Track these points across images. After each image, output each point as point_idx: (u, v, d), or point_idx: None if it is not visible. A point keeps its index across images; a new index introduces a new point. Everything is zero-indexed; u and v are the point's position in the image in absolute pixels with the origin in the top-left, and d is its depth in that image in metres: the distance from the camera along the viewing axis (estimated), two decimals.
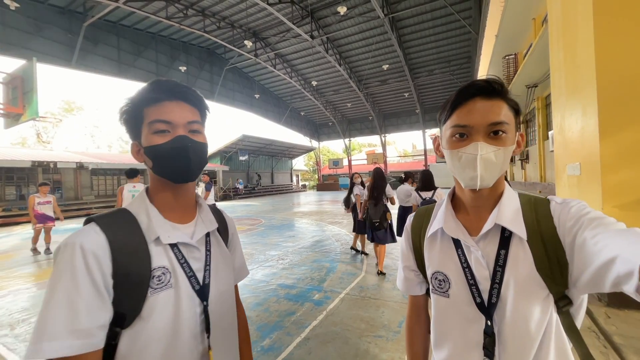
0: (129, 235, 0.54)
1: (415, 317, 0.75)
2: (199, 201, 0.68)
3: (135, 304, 0.51)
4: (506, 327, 0.53)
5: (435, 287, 0.63)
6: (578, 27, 2.78)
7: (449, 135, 0.58)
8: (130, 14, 13.32)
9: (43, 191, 5.73)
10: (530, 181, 10.20)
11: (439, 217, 0.64)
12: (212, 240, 0.65)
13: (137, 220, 0.56)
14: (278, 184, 29.71)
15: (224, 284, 0.64)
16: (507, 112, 0.54)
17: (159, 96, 0.58)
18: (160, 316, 0.53)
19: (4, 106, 6.84)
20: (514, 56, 8.23)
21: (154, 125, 0.57)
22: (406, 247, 0.72)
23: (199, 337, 0.57)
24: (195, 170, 0.60)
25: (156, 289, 0.53)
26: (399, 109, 26.57)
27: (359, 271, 4.02)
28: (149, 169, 0.61)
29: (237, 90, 21.69)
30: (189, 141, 0.58)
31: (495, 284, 0.55)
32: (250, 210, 13.45)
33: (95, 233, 0.52)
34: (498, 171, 0.55)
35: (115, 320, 0.50)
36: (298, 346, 2.27)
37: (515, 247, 0.55)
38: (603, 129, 2.48)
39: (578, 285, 0.49)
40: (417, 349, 0.74)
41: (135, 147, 0.61)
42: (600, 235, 0.44)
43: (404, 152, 51.12)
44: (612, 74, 2.46)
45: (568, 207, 0.53)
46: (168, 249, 0.57)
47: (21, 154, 13.55)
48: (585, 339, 0.54)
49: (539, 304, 0.52)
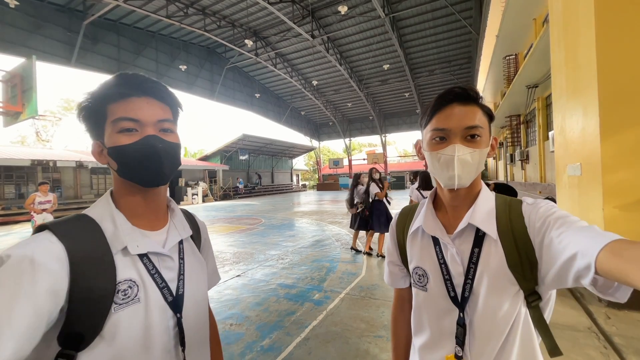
0: (90, 244, 0.48)
1: (399, 307, 0.80)
2: (171, 205, 0.63)
3: (96, 322, 0.45)
4: (477, 318, 0.58)
5: (415, 281, 0.68)
6: (579, 27, 2.77)
7: (429, 138, 0.62)
8: (130, 13, 13.30)
9: (43, 190, 5.72)
10: (530, 182, 10.20)
11: (420, 215, 0.68)
12: (185, 247, 0.60)
13: (101, 227, 0.50)
14: (278, 183, 29.70)
15: (198, 293, 0.60)
16: (481, 117, 0.59)
17: (126, 91, 0.52)
18: (126, 334, 0.47)
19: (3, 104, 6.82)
20: (515, 56, 8.23)
21: (119, 123, 0.51)
22: (391, 244, 0.78)
23: (173, 351, 0.53)
24: (167, 173, 0.55)
25: (121, 305, 0.47)
26: (399, 108, 26.57)
27: (359, 271, 4.02)
28: (113, 171, 0.55)
29: (237, 90, 21.68)
30: (159, 141, 0.53)
31: (468, 279, 0.59)
32: (250, 209, 13.45)
33: (51, 242, 0.45)
34: (474, 171, 0.59)
35: (69, 342, 0.44)
36: (298, 346, 2.26)
37: (487, 245, 0.58)
38: (604, 130, 2.48)
39: (546, 282, 0.53)
40: (400, 336, 0.80)
41: (97, 148, 0.55)
42: (564, 233, 0.47)
43: (404, 152, 51.15)
44: (614, 75, 2.46)
45: (537, 208, 0.56)
46: (137, 259, 0.52)
47: (21, 152, 13.53)
48: (586, 340, 0.56)
49: (509, 298, 0.55)
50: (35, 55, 6.95)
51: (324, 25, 15.27)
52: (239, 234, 7.28)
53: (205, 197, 19.14)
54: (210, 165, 21.15)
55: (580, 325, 2.29)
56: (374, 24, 14.88)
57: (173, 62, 16.85)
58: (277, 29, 16.05)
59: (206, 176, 21.07)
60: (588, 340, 2.09)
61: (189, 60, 17.65)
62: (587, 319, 2.37)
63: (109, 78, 0.54)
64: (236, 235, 7.02)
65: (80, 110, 0.54)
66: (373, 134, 29.33)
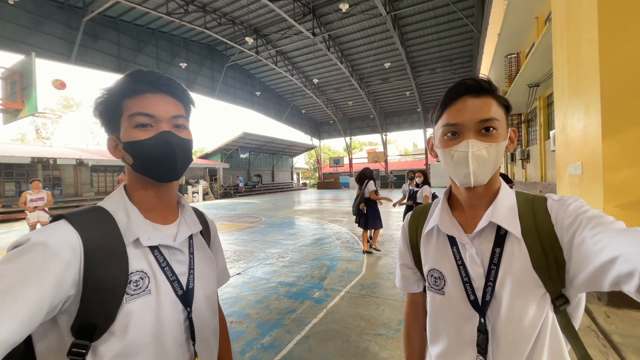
0: (105, 235, 0.49)
1: (413, 313, 0.76)
2: (182, 201, 0.64)
3: (109, 312, 0.46)
4: (500, 325, 0.53)
5: (431, 284, 0.63)
6: (582, 25, 2.76)
7: (440, 134, 0.59)
8: (130, 10, 13.24)
9: (35, 187, 5.65)
10: (531, 181, 10.19)
11: (435, 214, 0.65)
12: (195, 242, 0.61)
13: (115, 219, 0.51)
14: (279, 182, 29.69)
15: (208, 288, 0.61)
16: (496, 109, 0.55)
17: (142, 87, 0.53)
18: (138, 325, 0.48)
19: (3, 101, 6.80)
20: (517, 55, 8.20)
21: (135, 118, 0.53)
22: (403, 245, 0.73)
23: (184, 345, 0.54)
24: (181, 169, 0.57)
25: (133, 295, 0.48)
26: (400, 107, 26.51)
27: (360, 269, 4.02)
28: (127, 166, 0.56)
29: (238, 88, 21.62)
30: (174, 137, 0.54)
31: (490, 281, 0.55)
32: (251, 207, 13.45)
33: (66, 231, 0.46)
34: (491, 167, 0.55)
35: (83, 332, 0.44)
36: (298, 344, 2.27)
37: (510, 245, 0.55)
38: (606, 129, 2.47)
39: (575, 284, 0.49)
40: (414, 345, 0.75)
41: (112, 142, 0.56)
42: (600, 234, 0.44)
43: (404, 150, 51.09)
44: (616, 73, 2.44)
45: (565, 205, 0.52)
46: (148, 251, 0.52)
47: (21, 150, 13.52)
48: (585, 338, 0.54)
49: (535, 302, 0.51)
50: (34, 52, 6.92)
51: (325, 23, 15.20)
52: (239, 232, 7.29)
53: (206, 195, 19.15)
54: (210, 164, 21.15)
55: (580, 323, 2.28)
56: (376, 22, 14.81)
57: (173, 59, 16.79)
58: (278, 27, 15.98)
59: (207, 174, 21.07)
60: (587, 338, 2.09)
61: (189, 58, 17.58)
62: (587, 317, 2.38)
63: (125, 74, 0.55)
64: (237, 234, 7.03)
65: (97, 105, 0.55)
66: (374, 133, 29.28)
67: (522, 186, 10.60)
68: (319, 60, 19.04)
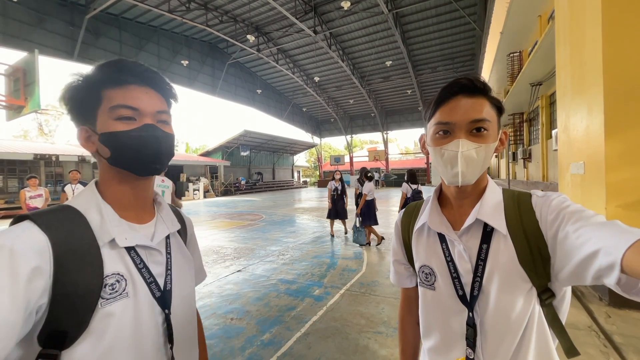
0: (76, 236, 0.45)
1: (406, 308, 0.78)
2: (158, 199, 0.61)
3: (81, 318, 0.43)
4: (488, 319, 0.55)
5: (422, 280, 0.65)
6: (586, 23, 2.74)
7: (432, 132, 0.59)
8: (132, 7, 13.22)
9: (32, 184, 5.61)
10: (533, 180, 10.15)
11: (425, 212, 0.66)
12: (172, 242, 0.59)
13: (86, 218, 0.48)
14: (279, 179, 29.72)
15: (185, 288, 0.59)
16: (489, 110, 0.56)
17: (125, 78, 0.50)
18: (115, 330, 0.45)
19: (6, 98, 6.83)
20: (519, 54, 8.14)
21: (117, 110, 0.49)
22: (396, 242, 0.75)
23: (162, 348, 0.52)
24: (164, 162, 0.55)
25: (109, 300, 0.45)
26: (401, 106, 26.45)
27: (360, 267, 4.03)
28: (102, 160, 0.52)
29: (239, 85, 21.61)
30: (159, 130, 0.52)
31: (477, 277, 0.56)
32: (251, 205, 13.47)
33: (32, 233, 0.42)
34: (480, 168, 0.56)
35: (51, 340, 0.41)
36: (298, 341, 2.28)
37: (496, 241, 0.56)
38: (608, 128, 2.45)
39: (560, 278, 0.50)
40: (408, 338, 0.77)
41: (84, 133, 0.51)
42: (582, 229, 0.45)
43: (405, 149, 50.99)
44: (620, 72, 2.43)
45: (549, 201, 0.54)
46: (124, 252, 0.49)
47: (23, 146, 13.58)
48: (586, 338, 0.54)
49: (522, 296, 0.53)
50: (37, 50, 6.93)
51: (326, 20, 15.14)
52: (239, 229, 7.31)
53: (207, 192, 19.20)
54: (211, 161, 21.18)
55: (581, 323, 2.29)
56: (377, 19, 14.75)
57: (175, 57, 16.78)
58: (279, 25, 15.92)
59: (207, 172, 21.11)
60: (588, 338, 2.09)
61: (190, 56, 17.58)
62: (587, 317, 2.37)
63: (105, 62, 0.51)
64: (237, 231, 7.05)
65: (69, 90, 0.50)
66: (375, 131, 29.25)
67: (523, 185, 10.55)
68: (320, 58, 18.99)
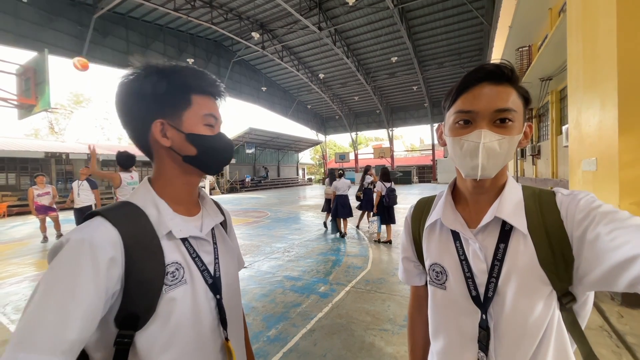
0: (140, 229, 0.50)
1: (416, 306, 0.75)
2: (201, 193, 0.67)
3: (150, 302, 0.48)
4: (503, 322, 0.52)
5: (432, 278, 0.62)
6: (599, 15, 2.65)
7: (452, 121, 0.55)
8: (139, 6, 13.32)
9: (40, 182, 5.69)
10: (542, 177, 9.97)
11: (438, 208, 0.63)
12: (216, 232, 0.65)
13: (146, 213, 0.53)
14: (284, 177, 29.80)
15: (231, 276, 0.64)
16: (515, 100, 0.52)
17: (211, 90, 0.59)
18: (179, 313, 0.51)
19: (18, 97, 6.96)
20: (528, 48, 7.95)
21: (208, 118, 0.58)
22: (406, 238, 0.72)
23: (217, 330, 0.58)
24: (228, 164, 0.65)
25: (171, 286, 0.51)
26: (407, 102, 26.16)
27: (365, 265, 4.02)
28: (174, 155, 0.57)
29: (244, 83, 21.65)
30: (230, 139, 0.63)
31: (493, 277, 0.53)
32: (256, 202, 13.55)
33: (106, 228, 0.47)
34: (501, 161, 0.52)
35: (126, 322, 0.47)
36: (303, 337, 2.29)
37: (515, 241, 0.53)
38: (622, 123, 2.39)
39: (585, 282, 0.47)
40: (417, 338, 0.75)
41: (159, 126, 0.55)
42: (617, 231, 0.42)
43: (411, 146, 50.55)
44: (635, 66, 2.35)
45: (577, 199, 0.50)
46: (180, 243, 0.55)
47: (35, 145, 13.87)
48: (597, 338, 0.52)
49: (541, 300, 0.49)
50: (47, 49, 7.04)
51: (331, 17, 15.02)
52: (245, 226, 7.36)
53: (212, 190, 19.38)
54: None
55: (592, 323, 2.25)
56: (383, 15, 14.56)
57: (180, 55, 16.87)
58: (284, 22, 15.86)
59: None
60: (600, 338, 2.05)
61: (196, 54, 17.65)
62: (599, 317, 2.32)
63: (192, 69, 0.57)
64: (243, 228, 7.10)
65: (154, 84, 0.53)
66: (380, 128, 29.01)
67: (532, 183, 10.38)
68: (325, 55, 18.88)
